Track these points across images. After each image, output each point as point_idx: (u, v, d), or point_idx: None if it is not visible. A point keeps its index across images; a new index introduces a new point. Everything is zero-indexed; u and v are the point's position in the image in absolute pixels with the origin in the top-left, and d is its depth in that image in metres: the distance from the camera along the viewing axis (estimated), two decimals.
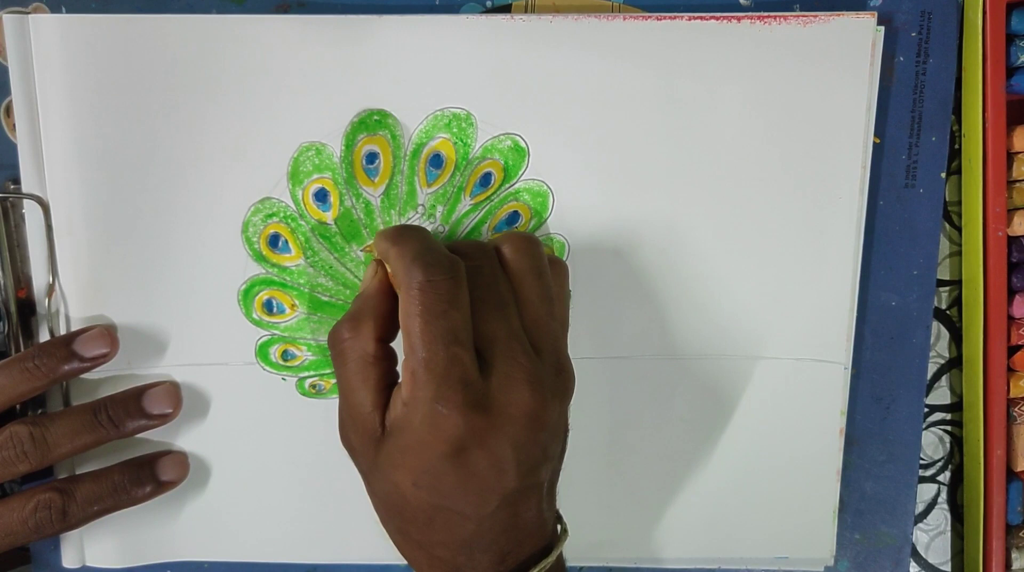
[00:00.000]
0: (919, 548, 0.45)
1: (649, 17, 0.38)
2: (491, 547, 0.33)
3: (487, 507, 0.32)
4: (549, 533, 0.35)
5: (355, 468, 0.35)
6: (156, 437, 0.40)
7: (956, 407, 0.45)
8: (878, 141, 0.41)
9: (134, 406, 0.39)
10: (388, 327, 0.34)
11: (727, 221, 0.40)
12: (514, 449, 0.32)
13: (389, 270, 0.34)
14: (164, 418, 0.39)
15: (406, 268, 0.32)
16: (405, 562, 0.35)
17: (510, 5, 0.40)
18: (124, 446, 0.40)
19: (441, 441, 0.31)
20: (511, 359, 0.32)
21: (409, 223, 0.39)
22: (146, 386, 0.39)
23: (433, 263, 0.32)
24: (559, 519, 0.37)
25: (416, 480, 0.32)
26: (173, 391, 0.40)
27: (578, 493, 0.42)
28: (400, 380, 0.33)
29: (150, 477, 0.39)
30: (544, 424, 0.33)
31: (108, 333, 0.39)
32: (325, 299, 0.40)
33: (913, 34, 0.40)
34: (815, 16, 0.38)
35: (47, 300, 0.39)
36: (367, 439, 0.33)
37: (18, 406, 0.39)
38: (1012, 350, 0.42)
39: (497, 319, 0.33)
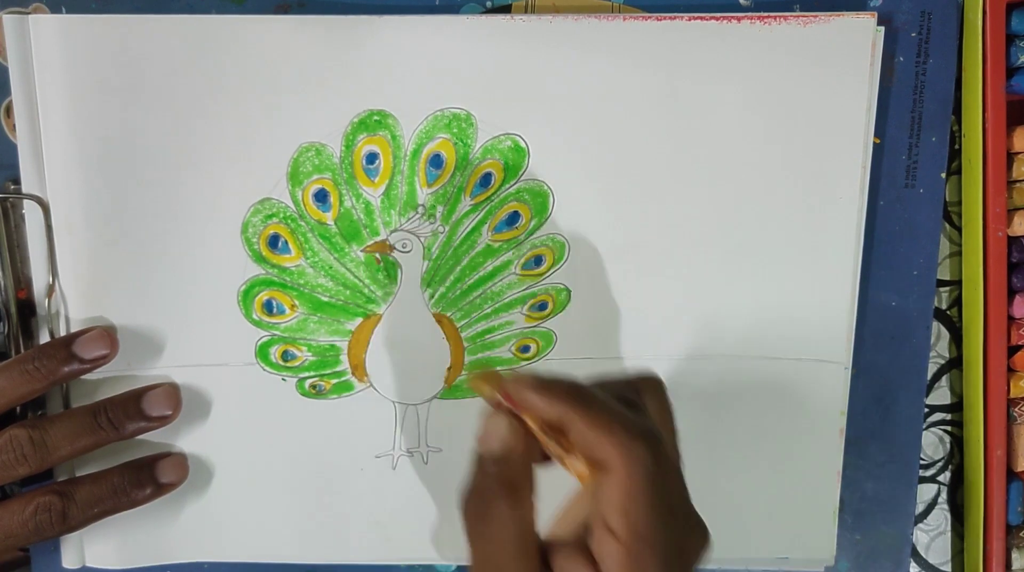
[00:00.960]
0: (919, 548, 0.45)
1: (649, 17, 0.38)
2: None
3: None
4: None
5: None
6: (157, 439, 0.40)
7: (956, 407, 0.45)
8: (878, 141, 0.41)
9: (133, 408, 0.39)
10: (536, 491, 0.30)
11: (727, 221, 0.40)
12: None
13: (576, 437, 0.29)
14: (164, 420, 0.39)
15: (619, 443, 0.28)
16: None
17: (510, 5, 0.40)
18: (124, 448, 0.40)
19: None
20: (699, 522, 0.31)
21: (565, 377, 0.31)
22: (145, 388, 0.39)
23: (648, 439, 0.28)
24: None
25: None
26: (172, 393, 0.40)
27: None
28: (570, 537, 0.29)
29: (150, 479, 0.39)
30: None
31: (108, 334, 0.39)
32: (325, 299, 0.40)
33: (913, 34, 0.40)
34: (815, 16, 0.38)
35: (47, 301, 0.39)
36: None
37: (18, 408, 0.39)
38: (1012, 350, 0.42)
39: (683, 488, 0.31)
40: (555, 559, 0.29)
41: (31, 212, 0.38)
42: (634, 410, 0.30)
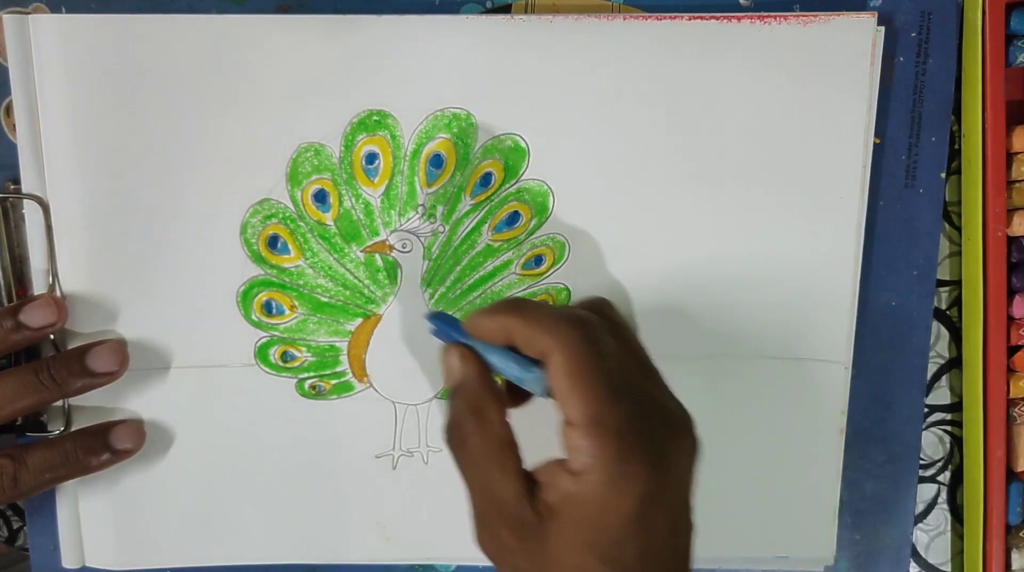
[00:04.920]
0: (919, 548, 0.45)
1: (649, 17, 0.38)
2: None
3: None
4: None
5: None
6: (153, 434, 0.40)
7: (956, 407, 0.45)
8: (878, 141, 0.41)
9: (77, 365, 0.38)
10: (504, 406, 0.32)
11: (727, 220, 0.40)
12: (684, 507, 0.31)
13: (516, 340, 0.32)
14: (110, 376, 0.38)
15: (549, 330, 0.30)
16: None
17: (510, 5, 0.40)
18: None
19: (628, 499, 0.29)
20: (667, 410, 0.31)
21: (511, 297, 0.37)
22: (91, 344, 0.38)
23: (577, 322, 0.31)
24: None
25: (601, 553, 0.29)
26: (118, 348, 0.39)
27: None
28: (554, 457, 0.31)
29: (103, 445, 0.39)
30: (694, 482, 0.32)
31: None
32: (325, 300, 0.40)
33: (913, 34, 0.40)
34: (815, 16, 0.38)
35: None
36: (523, 531, 0.30)
37: (19, 419, 0.39)
38: (1012, 350, 0.42)
39: (635, 373, 0.32)
40: (539, 474, 0.31)
41: (31, 212, 0.38)
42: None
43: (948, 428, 0.45)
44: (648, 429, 0.30)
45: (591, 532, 0.29)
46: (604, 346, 0.31)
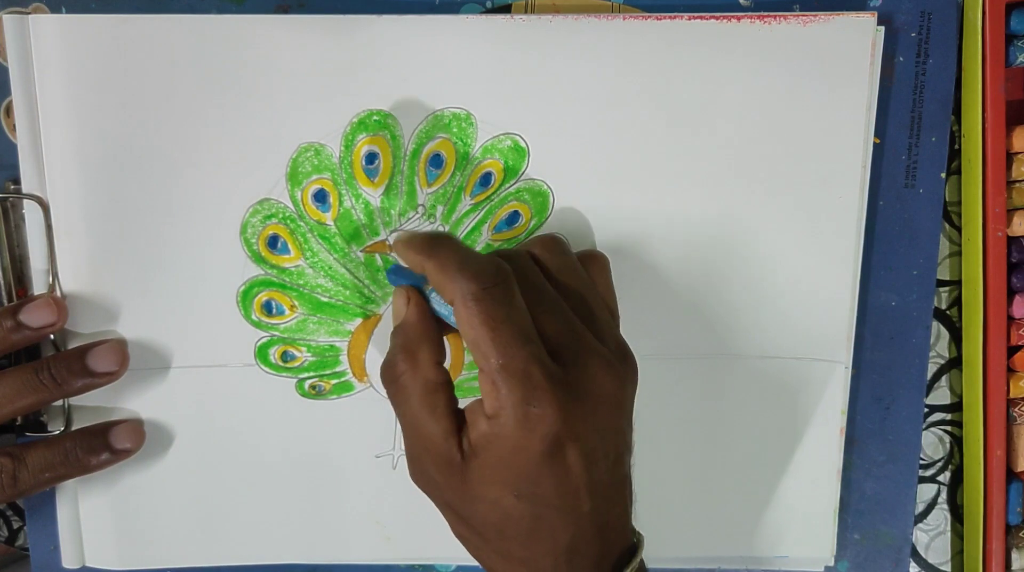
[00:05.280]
0: (919, 548, 0.45)
1: (649, 17, 0.38)
2: (589, 550, 0.32)
3: (584, 505, 0.32)
4: (631, 534, 0.35)
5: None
6: (153, 434, 0.40)
7: (956, 407, 0.45)
8: (878, 141, 0.41)
9: (77, 364, 0.38)
10: (441, 350, 0.34)
11: (727, 221, 0.40)
12: (602, 439, 0.32)
13: (429, 283, 0.34)
14: (110, 376, 0.38)
15: (454, 279, 0.32)
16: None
17: (510, 5, 0.40)
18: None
19: (538, 440, 0.31)
20: (585, 348, 0.32)
21: (434, 231, 0.39)
22: (91, 344, 0.38)
23: (481, 271, 0.32)
24: None
25: (517, 490, 0.31)
26: (118, 348, 0.39)
27: None
28: (473, 398, 0.32)
29: (103, 445, 0.39)
30: (624, 409, 0.33)
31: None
32: (325, 300, 0.40)
33: (913, 34, 0.40)
34: (815, 16, 0.38)
35: None
36: (449, 468, 0.32)
37: (18, 419, 0.39)
38: (1012, 350, 0.42)
39: (555, 314, 0.32)
40: (467, 413, 0.32)
41: (31, 212, 0.38)
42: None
43: (948, 428, 0.45)
44: (557, 371, 0.31)
45: (506, 470, 0.31)
46: (506, 293, 0.32)
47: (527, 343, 0.31)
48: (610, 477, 0.32)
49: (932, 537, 0.45)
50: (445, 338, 0.35)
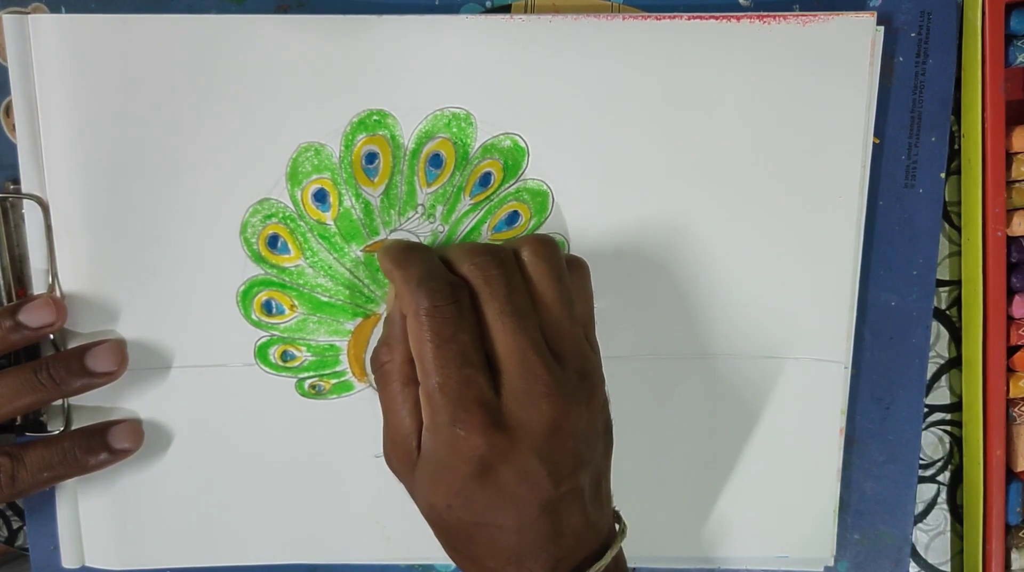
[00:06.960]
0: (919, 548, 0.45)
1: (649, 17, 0.38)
2: (539, 555, 0.33)
3: (526, 517, 0.32)
4: (604, 534, 0.35)
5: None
6: (152, 434, 0.40)
7: (956, 407, 0.45)
8: (878, 141, 0.41)
9: (76, 364, 0.37)
10: None
11: (727, 221, 0.40)
12: (541, 460, 0.32)
13: (394, 292, 0.34)
14: (109, 376, 0.38)
15: (411, 294, 0.33)
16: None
17: (510, 5, 0.40)
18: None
19: (464, 463, 0.31)
20: (528, 373, 0.32)
21: (412, 242, 0.39)
22: (90, 344, 0.38)
23: (437, 289, 0.32)
24: (618, 518, 0.37)
25: (450, 502, 0.32)
26: (118, 348, 0.39)
27: None
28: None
29: (102, 445, 0.39)
30: (570, 432, 0.32)
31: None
32: (324, 299, 0.40)
33: (913, 34, 0.40)
34: (815, 16, 0.38)
35: None
36: (406, 461, 0.34)
37: (18, 419, 0.39)
38: (1012, 350, 0.42)
39: (515, 331, 0.32)
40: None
41: (31, 212, 0.38)
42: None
43: (948, 428, 0.45)
44: (490, 397, 0.32)
45: (439, 482, 0.32)
46: (458, 313, 0.32)
47: (465, 365, 0.31)
48: (557, 491, 0.32)
49: (932, 537, 0.45)
50: None
